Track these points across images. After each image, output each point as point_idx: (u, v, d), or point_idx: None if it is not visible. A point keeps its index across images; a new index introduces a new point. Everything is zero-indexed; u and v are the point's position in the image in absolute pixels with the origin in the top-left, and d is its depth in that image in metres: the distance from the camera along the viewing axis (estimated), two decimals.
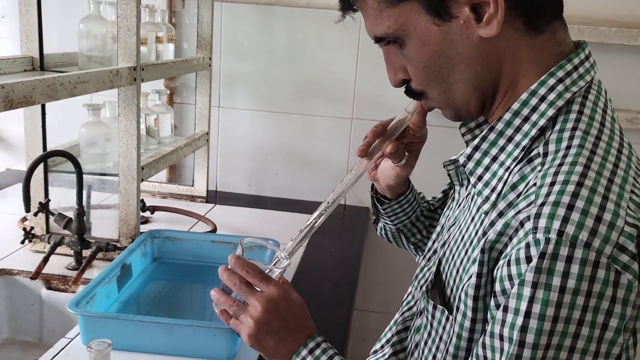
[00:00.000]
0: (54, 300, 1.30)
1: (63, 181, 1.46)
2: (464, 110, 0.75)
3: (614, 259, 0.57)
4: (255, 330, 0.77)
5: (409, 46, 0.71)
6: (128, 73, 1.25)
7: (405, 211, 1.00)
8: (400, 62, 0.75)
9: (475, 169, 0.72)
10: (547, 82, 0.68)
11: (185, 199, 1.90)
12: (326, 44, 1.90)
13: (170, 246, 1.36)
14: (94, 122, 1.45)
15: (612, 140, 0.67)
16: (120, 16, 1.24)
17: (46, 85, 0.99)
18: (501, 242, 0.63)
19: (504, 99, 0.72)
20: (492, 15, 0.66)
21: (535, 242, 0.58)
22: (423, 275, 0.87)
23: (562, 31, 0.71)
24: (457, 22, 0.67)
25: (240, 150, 2.04)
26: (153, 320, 1.02)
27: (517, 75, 0.70)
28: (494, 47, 0.69)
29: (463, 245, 0.73)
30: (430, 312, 0.76)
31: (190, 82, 1.98)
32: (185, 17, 1.95)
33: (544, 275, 0.57)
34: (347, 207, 2.02)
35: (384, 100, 1.92)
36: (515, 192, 0.66)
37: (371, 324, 2.09)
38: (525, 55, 0.70)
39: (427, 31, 0.69)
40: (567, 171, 0.62)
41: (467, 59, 0.69)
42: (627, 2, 1.79)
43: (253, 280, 0.78)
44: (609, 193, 0.60)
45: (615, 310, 0.58)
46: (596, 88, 0.71)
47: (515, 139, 0.69)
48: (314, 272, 1.47)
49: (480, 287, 0.66)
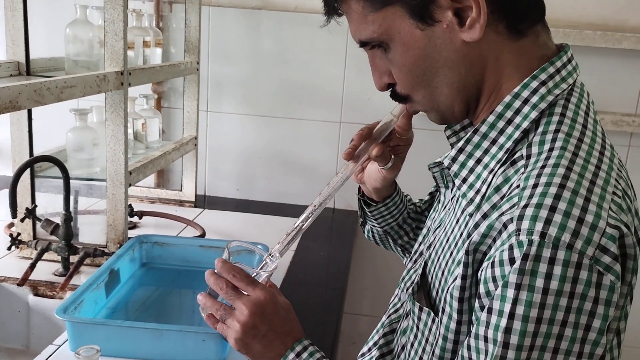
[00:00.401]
0: (41, 307, 1.29)
1: (50, 187, 1.45)
2: (448, 113, 0.75)
3: (596, 260, 0.58)
4: (242, 334, 0.77)
5: (394, 50, 0.72)
6: (115, 78, 1.25)
7: (392, 213, 1.01)
8: (385, 66, 0.75)
9: (460, 172, 0.72)
10: (530, 85, 0.69)
11: (173, 204, 1.89)
12: (314, 48, 1.91)
13: (158, 251, 1.36)
14: (80, 127, 1.44)
15: (594, 142, 0.68)
16: (107, 20, 1.23)
17: (32, 90, 0.98)
18: (485, 243, 0.64)
19: (488, 101, 0.73)
20: (474, 19, 0.66)
21: (519, 243, 0.59)
22: (409, 278, 0.87)
23: (544, 35, 0.72)
24: (440, 26, 0.68)
25: (228, 155, 2.03)
26: (142, 325, 1.02)
27: (500, 79, 0.71)
28: (477, 51, 0.69)
29: (448, 247, 0.73)
30: (417, 314, 0.77)
31: (178, 86, 1.98)
32: (173, 21, 1.95)
33: (527, 277, 0.58)
34: (336, 210, 2.02)
35: (372, 103, 1.92)
36: (499, 194, 0.67)
37: (360, 327, 2.09)
38: (508, 59, 0.70)
39: (411, 35, 0.69)
40: (549, 173, 0.62)
41: (451, 63, 0.70)
42: (612, 5, 1.81)
43: (240, 284, 0.78)
44: (590, 195, 0.61)
45: (598, 311, 0.58)
46: (578, 90, 0.71)
47: (499, 141, 0.70)
48: (303, 276, 1.47)
49: (465, 289, 0.66)
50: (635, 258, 0.61)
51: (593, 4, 1.81)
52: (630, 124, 1.80)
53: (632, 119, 1.80)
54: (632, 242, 0.61)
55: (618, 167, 0.68)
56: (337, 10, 0.75)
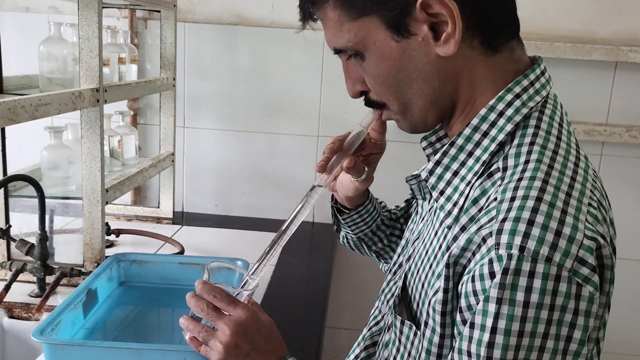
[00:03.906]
0: (17, 330, 1.26)
1: (24, 206, 1.42)
2: (420, 125, 0.76)
3: (575, 272, 0.58)
4: (224, 354, 0.76)
5: (368, 60, 0.72)
6: (91, 95, 1.24)
7: (365, 221, 1.01)
8: (359, 74, 0.76)
9: (437, 184, 0.73)
10: (505, 98, 0.70)
11: (151, 221, 1.87)
12: (290, 63, 1.92)
13: (137, 269, 1.34)
14: (55, 145, 1.43)
15: (568, 153, 0.68)
16: (82, 37, 1.22)
17: (6, 108, 0.97)
18: (464, 257, 0.64)
19: (462, 114, 0.73)
20: (449, 35, 0.67)
21: (498, 258, 0.59)
22: (389, 290, 0.87)
23: (519, 49, 0.73)
24: (415, 39, 0.68)
25: (206, 170, 2.02)
26: (122, 346, 1.00)
27: (474, 92, 0.72)
28: (451, 65, 0.70)
29: (427, 260, 0.73)
30: (398, 328, 0.76)
31: (154, 102, 1.97)
32: (148, 37, 1.94)
33: (508, 291, 0.58)
34: (315, 224, 2.02)
35: (349, 117, 1.93)
36: (476, 207, 0.67)
37: (341, 341, 2.08)
38: (482, 73, 0.71)
39: (387, 46, 0.70)
40: (526, 186, 0.63)
41: (425, 75, 0.70)
42: (581, 18, 1.85)
43: (220, 305, 0.78)
44: (567, 207, 0.62)
45: (578, 322, 0.59)
46: (552, 102, 0.72)
47: (475, 153, 0.70)
48: (284, 292, 1.47)
49: (447, 302, 0.66)
50: (612, 268, 0.62)
51: (563, 17, 1.86)
52: (601, 134, 1.84)
53: (604, 129, 1.84)
54: (609, 252, 0.62)
55: (593, 178, 0.69)
56: (313, 15, 0.75)
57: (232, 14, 1.92)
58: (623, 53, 1.79)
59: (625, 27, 1.85)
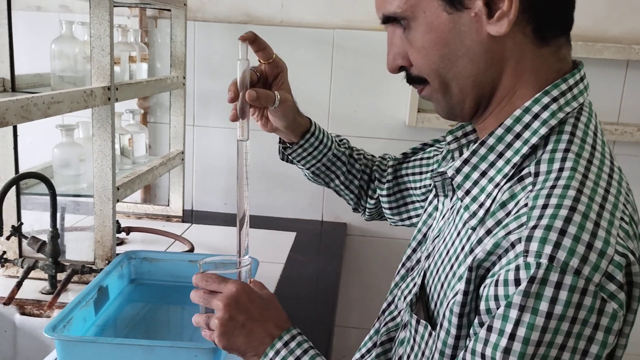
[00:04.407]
0: (29, 326, 1.26)
1: (36, 204, 1.43)
2: (457, 108, 0.73)
3: (602, 287, 0.57)
4: (222, 329, 0.77)
5: (415, 30, 0.70)
6: (102, 93, 1.24)
7: (312, 155, 1.03)
8: (402, 47, 0.73)
9: (464, 183, 0.71)
10: (542, 100, 0.68)
11: (161, 219, 1.88)
12: (300, 62, 1.91)
13: (147, 267, 1.34)
14: (67, 143, 1.43)
15: (602, 164, 0.67)
16: (94, 36, 1.23)
17: (20, 106, 0.98)
18: (489, 260, 0.63)
19: (499, 105, 0.72)
20: (504, 13, 0.65)
21: (526, 265, 0.58)
22: (407, 286, 0.87)
23: (565, 48, 0.72)
24: (468, 13, 0.67)
25: (215, 169, 2.03)
26: (133, 342, 1.00)
27: (516, 83, 0.70)
28: (500, 48, 0.68)
29: (448, 260, 0.73)
30: (414, 327, 0.76)
31: (164, 101, 1.97)
32: (158, 36, 1.95)
33: (532, 300, 0.57)
34: (324, 223, 2.02)
35: (358, 116, 1.93)
36: (504, 211, 0.65)
37: (350, 340, 2.08)
38: (528, 65, 0.69)
39: (437, 17, 0.68)
40: (559, 194, 0.61)
41: (472, 54, 0.68)
42: (592, 17, 1.84)
43: (212, 287, 0.80)
44: (600, 220, 0.60)
45: (597, 337, 0.58)
46: (588, 110, 0.71)
47: (506, 155, 0.68)
48: (293, 290, 1.47)
49: (466, 305, 0.65)
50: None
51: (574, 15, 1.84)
52: (613, 133, 1.83)
53: (615, 128, 1.83)
54: (638, 270, 0.60)
55: (626, 191, 0.68)
56: None
57: (241, 12, 1.92)
58: (634, 52, 1.78)
59: (636, 26, 1.84)
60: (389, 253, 2.02)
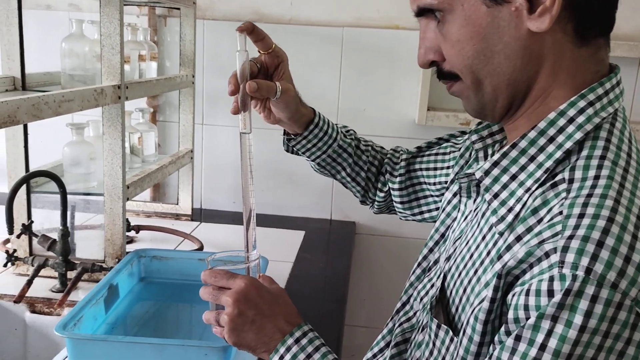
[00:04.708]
0: (39, 324, 1.27)
1: (46, 202, 1.43)
2: (489, 108, 0.71)
3: (637, 301, 0.56)
4: (232, 325, 0.76)
5: (451, 23, 0.68)
6: (112, 91, 1.24)
7: (317, 146, 1.01)
8: (434, 41, 0.71)
9: (492, 186, 0.69)
10: (577, 104, 0.66)
11: (170, 218, 1.88)
12: (309, 60, 1.91)
13: (157, 265, 1.34)
14: (77, 141, 1.44)
15: (639, 173, 0.64)
16: (104, 34, 1.23)
17: (30, 104, 0.98)
18: (519, 268, 0.61)
19: (532, 105, 0.69)
20: (546, 8, 0.63)
21: (561, 276, 0.56)
22: (423, 287, 0.85)
23: (604, 50, 0.69)
24: (508, 8, 0.64)
25: (224, 167, 2.03)
26: (143, 341, 1.00)
27: (552, 83, 0.68)
28: (539, 45, 0.66)
29: (472, 264, 0.71)
30: (434, 331, 0.74)
31: (173, 99, 1.97)
32: (168, 35, 1.95)
33: (566, 312, 0.56)
34: (333, 222, 2.02)
35: (367, 113, 1.93)
36: (536, 217, 0.63)
37: (359, 339, 2.08)
38: (566, 64, 0.67)
39: (475, 10, 0.66)
40: (597, 204, 0.59)
41: (509, 51, 0.66)
42: None
43: (221, 283, 0.79)
44: (638, 232, 0.58)
45: (628, 352, 0.57)
46: (622, 116, 0.68)
47: (538, 159, 0.66)
48: (302, 289, 1.47)
49: (492, 312, 0.63)
50: None
51: None
52: None
53: None
54: None
55: None
56: None
57: (251, 10, 1.92)
58: None
59: None
60: (398, 252, 2.02)
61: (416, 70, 1.86)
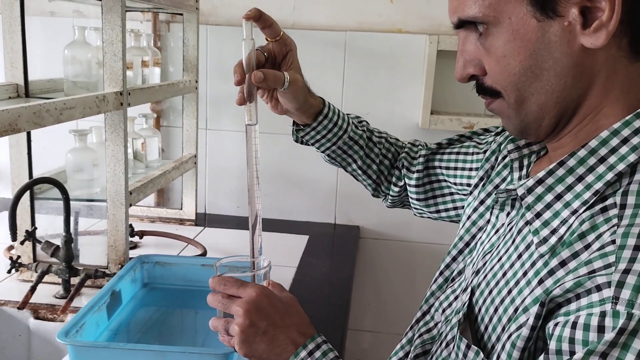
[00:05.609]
0: (42, 330, 1.27)
1: (50, 208, 1.44)
2: (533, 127, 0.67)
3: None
4: (243, 336, 0.74)
5: (496, 36, 0.64)
6: (115, 98, 1.25)
7: (327, 138, 0.99)
8: (475, 54, 0.67)
9: (535, 204, 0.65)
10: (633, 124, 0.61)
11: (174, 223, 1.88)
12: (312, 64, 1.91)
13: (160, 271, 1.34)
14: (80, 147, 1.44)
15: None
16: (106, 41, 1.23)
17: (32, 112, 0.98)
18: (564, 297, 0.58)
19: (580, 123, 0.65)
20: (602, 23, 0.59)
21: (614, 313, 0.53)
22: (447, 298, 0.82)
23: None
24: (560, 22, 0.60)
25: (228, 172, 2.03)
26: (145, 348, 1.00)
27: (603, 100, 0.63)
28: (592, 61, 0.62)
29: (505, 283, 0.67)
30: (462, 351, 0.70)
31: (177, 105, 1.98)
32: (171, 40, 1.95)
33: (618, 349, 0.53)
34: (337, 225, 2.01)
35: (371, 118, 1.91)
36: (583, 242, 0.59)
37: (364, 343, 2.07)
38: (619, 81, 0.63)
39: (524, 24, 0.62)
40: None
41: (560, 67, 0.62)
42: None
43: (231, 291, 0.77)
44: None
45: None
46: None
47: (587, 179, 0.62)
48: (306, 293, 1.46)
49: (531, 339, 0.61)
50: None
51: None
52: None
53: None
54: None
55: None
56: None
57: None
58: None
59: None
60: (403, 256, 2.01)
61: (419, 73, 1.86)
